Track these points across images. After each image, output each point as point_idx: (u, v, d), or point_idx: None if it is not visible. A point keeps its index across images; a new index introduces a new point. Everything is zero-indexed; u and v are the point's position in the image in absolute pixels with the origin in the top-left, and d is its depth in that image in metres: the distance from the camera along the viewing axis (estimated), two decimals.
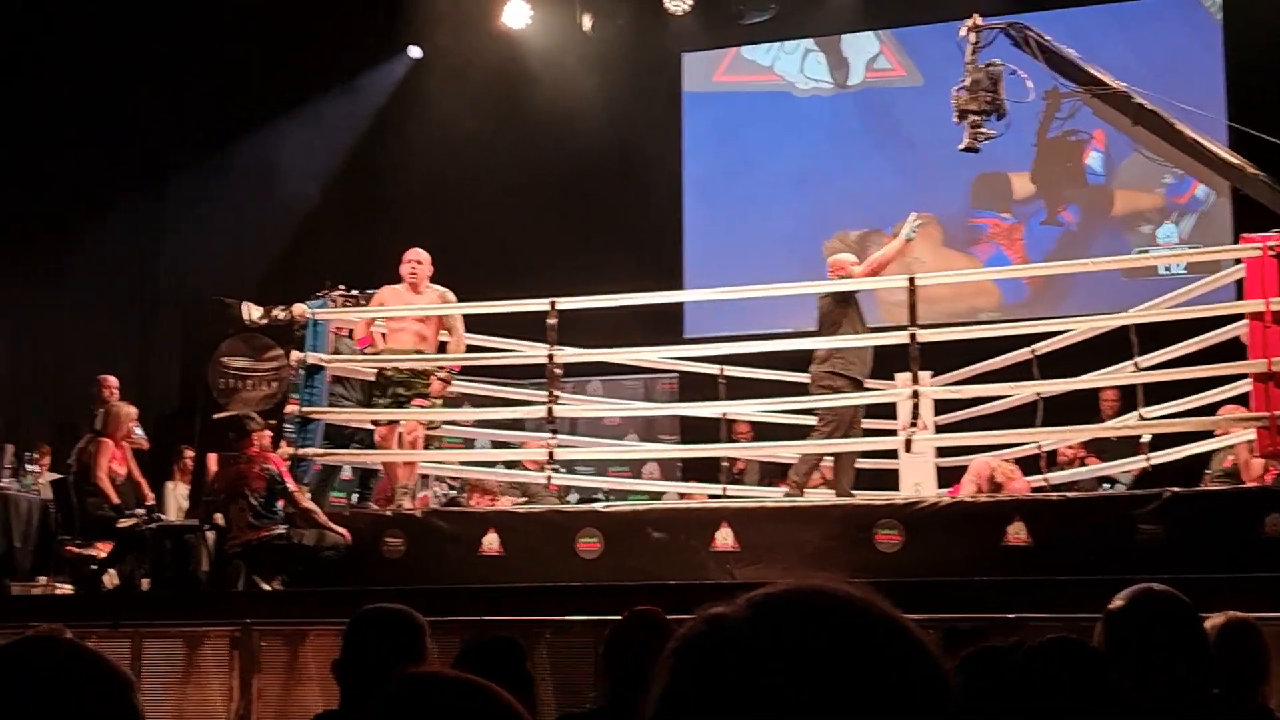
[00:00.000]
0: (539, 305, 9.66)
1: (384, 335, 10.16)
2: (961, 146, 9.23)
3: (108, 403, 10.60)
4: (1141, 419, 9.31)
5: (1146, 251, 14.25)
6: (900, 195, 14.61)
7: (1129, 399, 9.96)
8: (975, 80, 9.02)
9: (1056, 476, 10.32)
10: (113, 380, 11.67)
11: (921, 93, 15.25)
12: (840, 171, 15.72)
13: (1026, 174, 15.06)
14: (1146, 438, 9.69)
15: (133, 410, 10.34)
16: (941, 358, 9.95)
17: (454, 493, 11.68)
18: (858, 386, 9.44)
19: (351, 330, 10.45)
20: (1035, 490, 9.74)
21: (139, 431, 10.78)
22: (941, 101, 12.36)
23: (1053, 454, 10.79)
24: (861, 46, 16.05)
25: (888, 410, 9.68)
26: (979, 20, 9.23)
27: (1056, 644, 3.14)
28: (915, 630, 1.12)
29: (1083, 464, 10.90)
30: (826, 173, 15.78)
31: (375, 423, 10.02)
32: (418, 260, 9.97)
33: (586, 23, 15.95)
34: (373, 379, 10.08)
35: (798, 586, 1.13)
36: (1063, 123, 13.92)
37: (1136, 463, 9.86)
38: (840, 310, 9.55)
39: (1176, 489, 7.96)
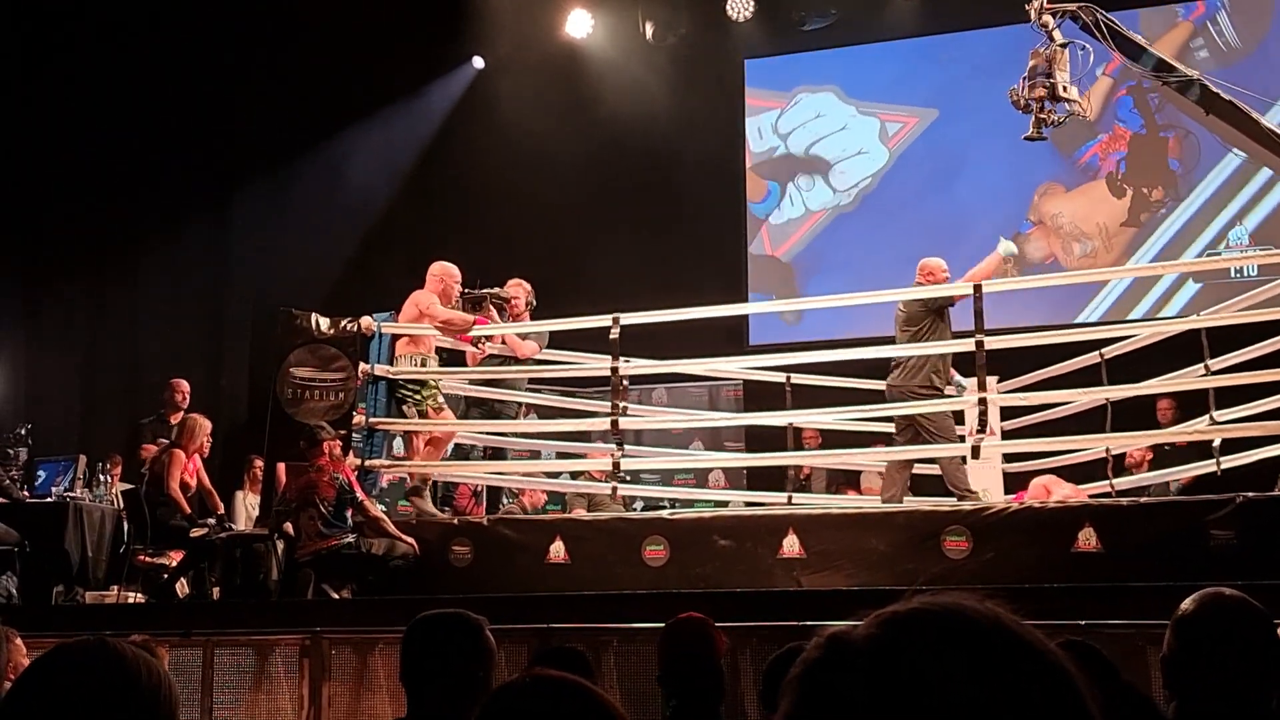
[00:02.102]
0: (602, 321, 9.70)
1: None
2: (1025, 136, 9.12)
3: (185, 415, 10.69)
4: (1213, 422, 9.18)
5: (1219, 254, 14.09)
6: (992, 200, 14.84)
7: (1187, 406, 9.83)
8: (1032, 67, 8.85)
9: (1123, 482, 10.20)
10: (185, 385, 11.76)
11: (947, 117, 15.49)
12: (924, 205, 15.67)
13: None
14: (1218, 442, 9.55)
15: (208, 424, 10.45)
16: (1011, 361, 9.87)
17: (510, 502, 11.72)
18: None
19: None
20: (1101, 495, 9.65)
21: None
22: (971, 106, 12.27)
23: (1119, 458, 10.67)
24: (863, 136, 16.04)
25: (955, 417, 9.63)
26: (1045, 3, 8.99)
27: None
28: (1053, 649, 1.05)
29: (1152, 468, 10.77)
30: (910, 215, 15.72)
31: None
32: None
33: (648, 31, 15.98)
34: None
35: (927, 605, 1.05)
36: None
37: (1204, 468, 9.71)
38: (933, 317, 9.50)
39: (1250, 493, 7.84)
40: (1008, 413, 10.06)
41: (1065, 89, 8.76)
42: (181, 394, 11.62)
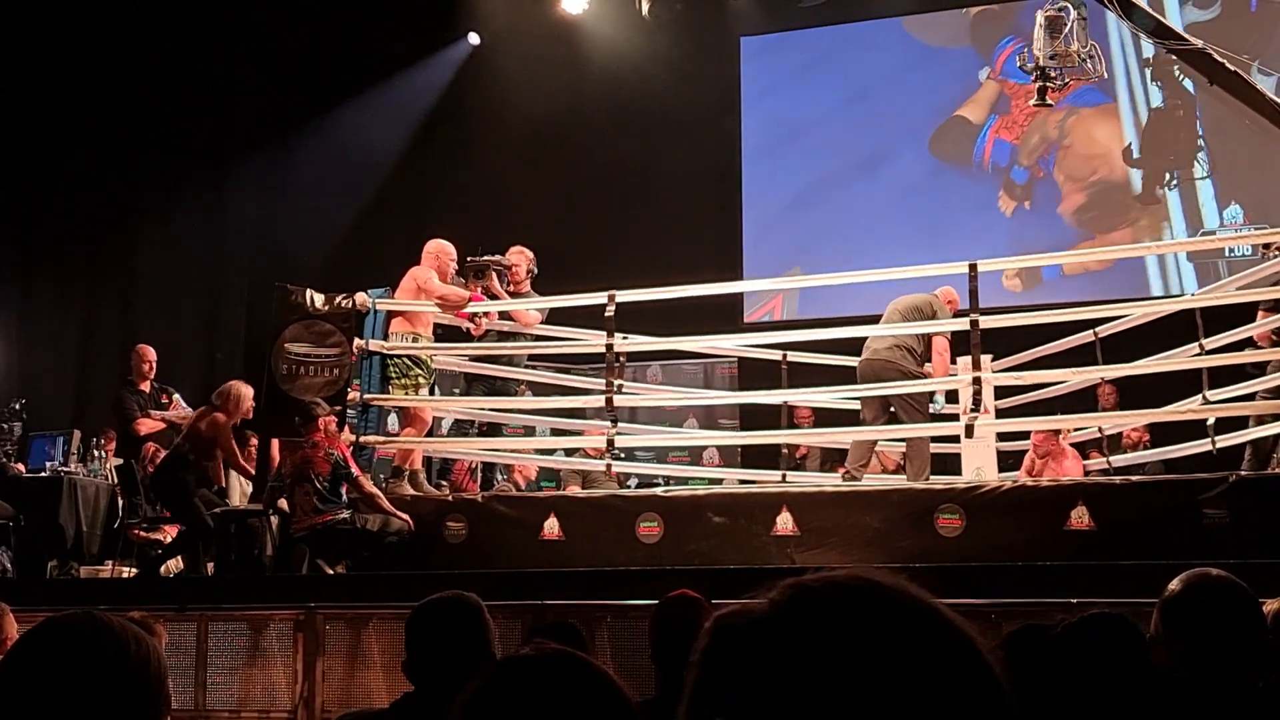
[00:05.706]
0: (598, 299, 9.68)
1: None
2: (1033, 103, 9.07)
3: (227, 382, 10.56)
4: (1206, 402, 9.18)
5: (1213, 234, 14.07)
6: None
7: (1177, 386, 9.82)
8: (1049, 28, 8.74)
9: (1119, 460, 10.22)
10: (152, 352, 11.41)
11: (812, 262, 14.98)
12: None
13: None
14: (1212, 421, 9.52)
15: (249, 389, 10.37)
16: (1004, 339, 9.87)
17: (502, 478, 11.68)
18: None
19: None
20: (1099, 473, 9.67)
21: (185, 406, 10.89)
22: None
23: (1115, 437, 10.69)
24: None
25: (949, 395, 9.63)
26: None
27: (1096, 620, 3.10)
28: (961, 622, 1.06)
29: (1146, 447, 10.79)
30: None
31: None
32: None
33: (644, 6, 15.91)
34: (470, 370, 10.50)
35: (837, 575, 1.07)
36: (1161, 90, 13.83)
37: (1200, 446, 9.70)
38: None
39: (1242, 472, 7.86)
40: (1001, 390, 10.06)
41: (1070, 52, 8.71)
42: (149, 363, 11.29)
